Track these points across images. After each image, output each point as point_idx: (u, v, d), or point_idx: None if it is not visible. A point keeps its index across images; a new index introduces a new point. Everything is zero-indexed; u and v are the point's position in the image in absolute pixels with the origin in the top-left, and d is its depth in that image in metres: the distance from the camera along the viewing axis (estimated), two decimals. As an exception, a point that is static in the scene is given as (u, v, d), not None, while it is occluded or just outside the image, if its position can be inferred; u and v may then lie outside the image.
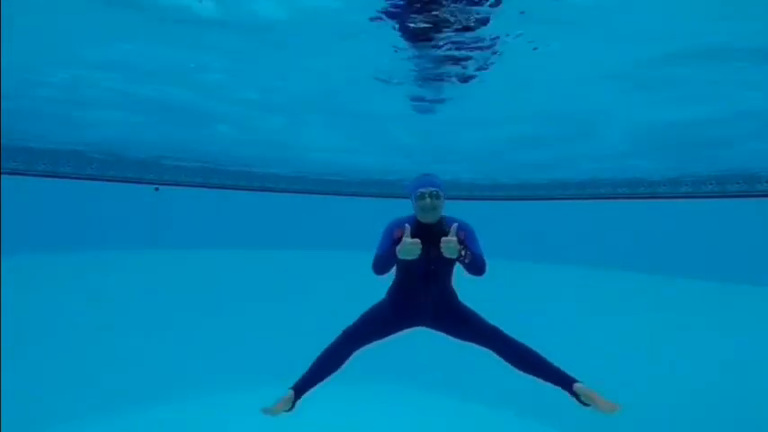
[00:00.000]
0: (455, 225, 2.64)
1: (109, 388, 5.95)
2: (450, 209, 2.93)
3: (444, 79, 5.46)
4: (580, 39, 4.31)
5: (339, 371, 2.91)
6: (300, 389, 2.84)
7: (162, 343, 7.57)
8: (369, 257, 2.79)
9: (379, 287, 3.16)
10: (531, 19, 3.92)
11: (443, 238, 2.58)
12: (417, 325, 3.03)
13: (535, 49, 4.52)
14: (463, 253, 2.58)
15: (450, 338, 3.00)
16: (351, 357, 2.94)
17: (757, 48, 4.27)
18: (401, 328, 3.03)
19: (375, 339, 2.98)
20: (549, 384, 2.75)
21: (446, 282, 2.96)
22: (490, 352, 2.89)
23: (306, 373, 2.88)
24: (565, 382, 2.71)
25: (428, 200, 2.76)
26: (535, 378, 2.78)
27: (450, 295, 3.01)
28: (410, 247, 2.57)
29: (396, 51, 4.69)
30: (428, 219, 2.78)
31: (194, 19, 4.13)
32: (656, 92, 5.77)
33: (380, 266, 2.76)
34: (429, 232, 2.73)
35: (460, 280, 3.00)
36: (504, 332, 2.89)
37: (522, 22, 4.00)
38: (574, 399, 2.68)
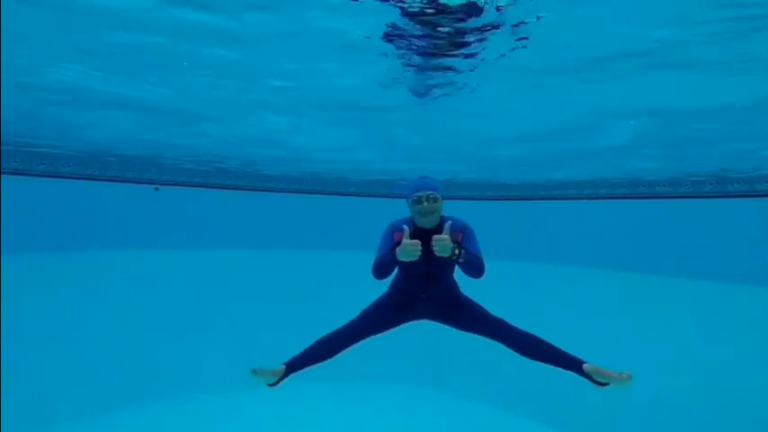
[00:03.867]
0: (448, 223, 2.55)
1: (109, 388, 5.96)
2: (449, 209, 2.87)
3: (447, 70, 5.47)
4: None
5: (333, 359, 2.88)
6: (292, 367, 2.82)
7: (162, 343, 7.58)
8: (370, 257, 2.78)
9: (379, 287, 3.16)
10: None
11: (435, 237, 2.48)
12: (419, 318, 3.00)
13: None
14: (457, 252, 2.49)
15: (455, 329, 2.95)
16: (349, 348, 2.91)
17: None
18: (403, 322, 2.99)
19: (377, 333, 2.95)
20: (559, 369, 2.71)
21: (447, 280, 2.93)
22: (497, 343, 2.86)
23: (302, 355, 2.85)
24: (573, 364, 2.67)
25: (425, 204, 2.68)
26: (544, 364, 2.73)
27: (452, 290, 2.96)
28: (410, 249, 2.48)
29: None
30: (426, 223, 2.71)
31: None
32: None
33: (381, 270, 2.67)
34: (428, 235, 2.64)
35: (460, 280, 3.00)
36: (508, 323, 2.83)
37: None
38: (588, 380, 2.64)
